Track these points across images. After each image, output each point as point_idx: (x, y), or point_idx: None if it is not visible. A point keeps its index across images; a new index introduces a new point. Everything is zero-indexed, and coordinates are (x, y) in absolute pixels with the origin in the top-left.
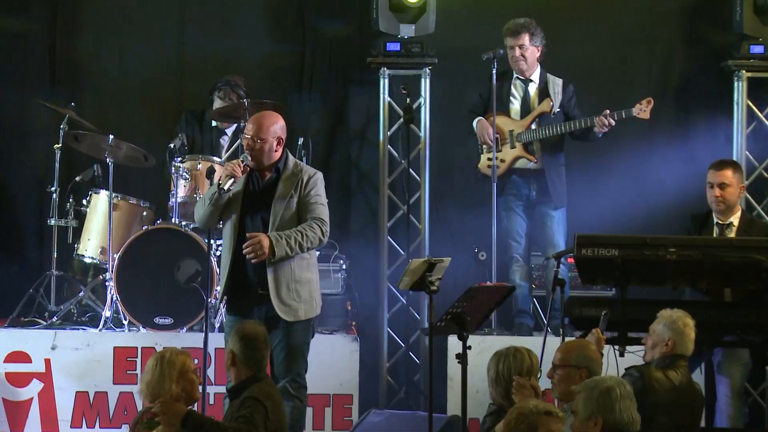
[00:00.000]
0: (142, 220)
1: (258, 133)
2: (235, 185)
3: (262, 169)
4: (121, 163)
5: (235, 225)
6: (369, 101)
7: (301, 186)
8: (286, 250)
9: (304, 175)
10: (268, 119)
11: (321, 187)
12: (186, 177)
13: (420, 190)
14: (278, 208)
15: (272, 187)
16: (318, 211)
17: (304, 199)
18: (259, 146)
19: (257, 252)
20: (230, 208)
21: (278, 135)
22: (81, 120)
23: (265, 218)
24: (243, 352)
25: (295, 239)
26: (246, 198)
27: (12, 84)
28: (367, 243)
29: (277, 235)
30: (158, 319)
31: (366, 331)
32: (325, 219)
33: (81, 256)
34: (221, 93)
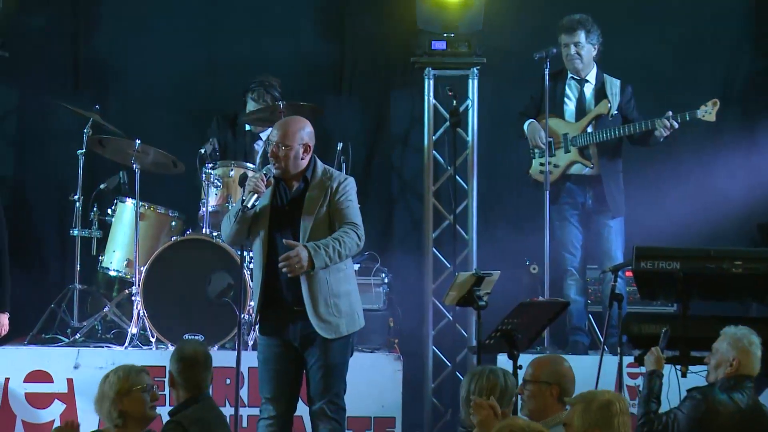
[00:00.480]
0: (171, 230)
1: (283, 140)
2: (262, 199)
3: (288, 179)
4: (148, 169)
5: (263, 241)
6: (412, 104)
7: (331, 193)
8: (325, 260)
9: (333, 182)
10: (294, 125)
11: (352, 192)
12: (217, 185)
13: (467, 199)
14: (307, 219)
15: (300, 197)
16: (350, 215)
17: (335, 206)
18: (284, 153)
19: (295, 266)
20: (258, 223)
21: (305, 142)
22: (106, 124)
23: (294, 231)
24: (180, 374)
25: (333, 248)
26: (273, 211)
27: (32, 86)
28: (410, 255)
29: (314, 245)
30: (188, 337)
31: (409, 350)
32: (358, 223)
33: (105, 269)
34: (255, 95)
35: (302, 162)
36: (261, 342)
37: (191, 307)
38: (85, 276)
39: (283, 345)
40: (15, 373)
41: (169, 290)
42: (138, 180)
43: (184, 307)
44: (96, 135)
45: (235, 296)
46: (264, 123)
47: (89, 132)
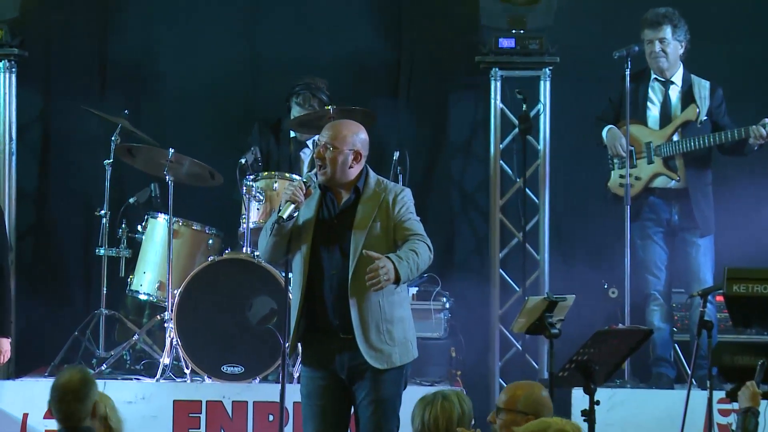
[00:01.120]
0: (208, 249)
1: (332, 140)
2: (306, 210)
3: (336, 189)
4: (182, 181)
5: (305, 258)
6: (476, 108)
7: (387, 208)
8: (408, 272)
9: (388, 194)
10: (348, 127)
11: (411, 204)
12: (260, 198)
13: (538, 214)
14: (359, 234)
15: (350, 210)
16: (415, 228)
17: (396, 221)
18: (331, 156)
19: (383, 278)
20: (300, 238)
21: (356, 148)
22: (136, 131)
23: (343, 249)
24: (52, 405)
25: (413, 260)
26: (319, 225)
27: (56, 90)
28: (474, 277)
29: (396, 255)
30: (226, 368)
31: (474, 383)
32: (425, 235)
33: (135, 293)
34: (300, 99)
35: (351, 171)
36: (303, 374)
37: (230, 335)
38: (113, 300)
39: (328, 377)
40: (34, 409)
41: (205, 316)
42: (171, 193)
43: (222, 336)
44: (125, 143)
45: (279, 323)
46: (311, 129)
47: (117, 140)
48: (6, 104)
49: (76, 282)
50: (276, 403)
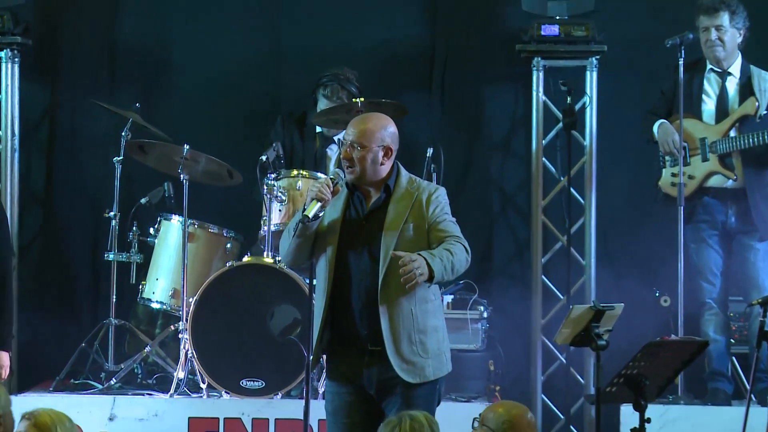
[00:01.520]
0: (226, 254)
1: (359, 139)
2: (331, 210)
3: (365, 188)
4: (198, 180)
5: (330, 261)
6: (516, 101)
7: (420, 208)
8: (442, 271)
9: (422, 193)
10: (374, 122)
11: (446, 203)
12: (282, 198)
13: (584, 216)
14: (390, 236)
15: (381, 210)
16: (451, 229)
17: (430, 223)
18: (359, 156)
19: (416, 273)
20: (324, 240)
21: (386, 143)
22: (148, 125)
23: (373, 252)
24: None
25: (447, 258)
26: (346, 226)
27: (61, 81)
28: (514, 284)
29: (429, 254)
30: (246, 383)
31: (514, 398)
32: (461, 237)
33: (147, 301)
34: (327, 90)
35: (382, 168)
36: (329, 388)
37: (250, 346)
38: (123, 309)
39: (355, 392)
40: None
41: (223, 326)
42: (186, 193)
43: (240, 347)
44: (136, 139)
45: (303, 333)
46: (338, 124)
47: (128, 135)
48: (8, 97)
49: (83, 289)
50: (299, 420)
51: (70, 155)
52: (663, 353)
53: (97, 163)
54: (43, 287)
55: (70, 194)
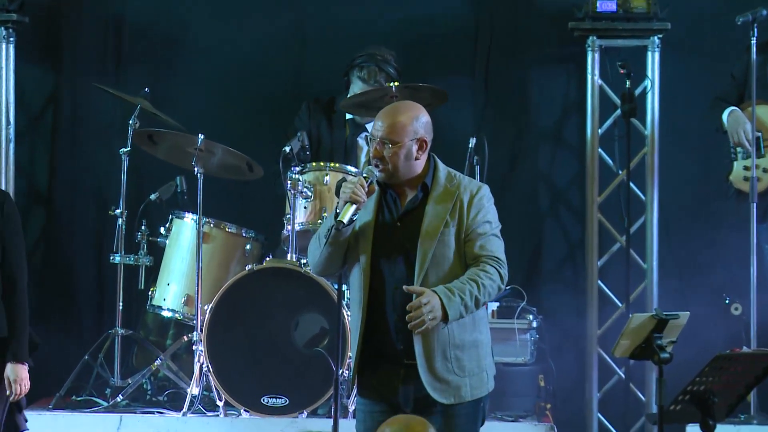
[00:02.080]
0: (245, 256)
1: (389, 134)
2: (362, 212)
3: (399, 186)
4: (214, 174)
5: (365, 270)
6: (569, 85)
7: (461, 210)
8: (461, 310)
9: (463, 192)
10: (404, 113)
11: (491, 208)
12: (308, 195)
13: (645, 214)
14: (428, 242)
15: (417, 212)
16: (491, 246)
17: (468, 232)
18: (391, 153)
19: (427, 317)
20: (357, 246)
21: (419, 136)
22: (158, 112)
23: (409, 258)
24: None
25: (470, 293)
26: (379, 230)
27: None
28: (567, 290)
29: (447, 291)
30: (267, 400)
31: (567, 418)
32: (501, 257)
33: (157, 308)
34: (364, 72)
35: (417, 164)
36: (360, 407)
37: (272, 360)
38: (130, 318)
39: (390, 411)
40: None
41: (242, 337)
42: (201, 188)
43: (262, 361)
44: (145, 128)
45: (331, 345)
46: (370, 110)
47: (136, 124)
48: (3, 80)
49: (86, 296)
50: None
51: (71, 146)
52: (734, 367)
53: (101, 155)
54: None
55: (71, 190)
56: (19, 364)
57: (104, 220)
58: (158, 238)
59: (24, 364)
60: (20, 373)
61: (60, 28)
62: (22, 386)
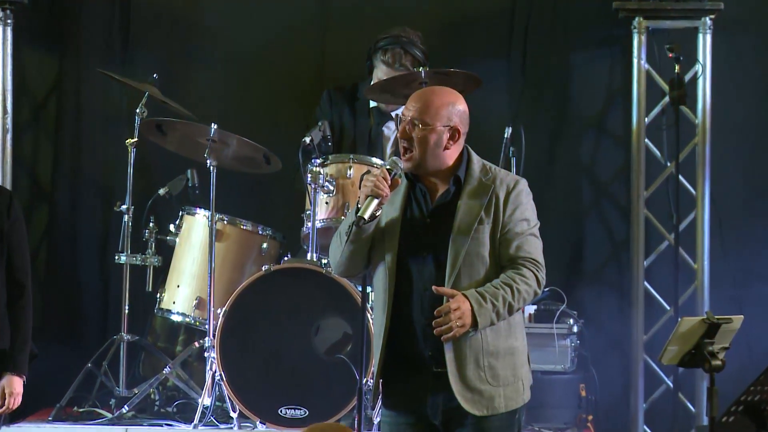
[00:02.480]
0: (261, 255)
1: (422, 115)
2: (389, 208)
3: (428, 179)
4: (229, 167)
5: (390, 270)
6: (613, 71)
7: (497, 206)
8: (492, 317)
9: (499, 187)
10: (440, 96)
11: (529, 204)
12: (329, 189)
13: (695, 210)
14: (460, 241)
15: (449, 207)
16: (528, 246)
17: (504, 231)
18: (420, 135)
19: (456, 324)
20: (382, 244)
21: (453, 123)
22: (167, 101)
23: (439, 258)
24: None
25: (503, 299)
26: (406, 227)
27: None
28: (610, 292)
29: (478, 296)
30: (285, 411)
31: (610, 430)
32: (539, 259)
33: (166, 312)
34: (389, 56)
35: (447, 154)
36: (386, 418)
37: (290, 368)
38: (137, 322)
39: (417, 423)
40: None
41: (258, 343)
42: (214, 182)
43: (279, 369)
44: (153, 117)
45: (354, 352)
46: (396, 97)
47: (143, 113)
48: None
49: (90, 298)
50: None
51: (74, 138)
52: None
53: (107, 147)
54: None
55: (75, 185)
56: (17, 376)
57: (110, 217)
58: (167, 237)
59: (22, 377)
60: (17, 387)
61: (62, 10)
62: (17, 401)
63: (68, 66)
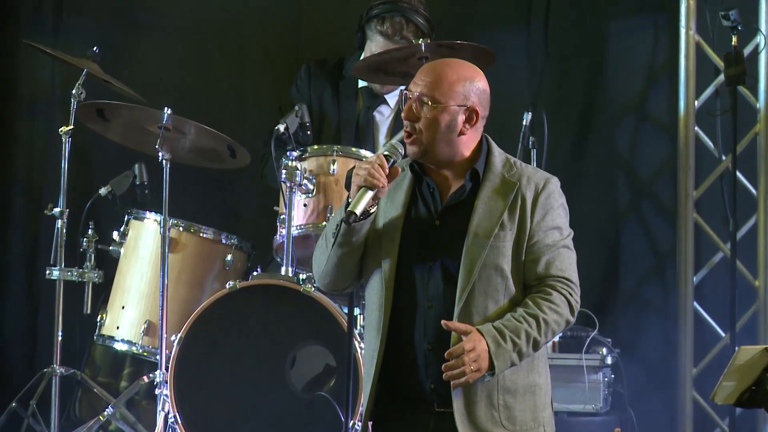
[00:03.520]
0: (226, 270)
1: (432, 91)
2: (388, 205)
3: (438, 173)
4: (186, 161)
5: (387, 282)
6: (656, 43)
7: (524, 208)
8: (512, 358)
9: (526, 186)
10: (456, 70)
11: (562, 209)
12: (308, 187)
13: (756, 214)
14: (476, 249)
15: (463, 207)
16: (560, 262)
17: (533, 237)
18: (430, 116)
19: (470, 368)
20: (378, 249)
21: (470, 103)
22: (111, 80)
23: (449, 269)
24: None
25: (527, 335)
26: (409, 228)
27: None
28: (652, 316)
29: (496, 333)
30: None
31: None
32: (573, 278)
33: (108, 339)
34: (386, 25)
35: (461, 141)
36: None
37: (260, 407)
38: (72, 352)
39: None
40: None
41: (220, 378)
42: (167, 180)
43: (246, 409)
44: (92, 100)
45: (339, 388)
46: (391, 76)
47: (81, 94)
48: None
49: (14, 322)
50: None
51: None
52: None
53: (35, 136)
54: None
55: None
56: None
57: (39, 222)
58: (110, 247)
59: None
60: None
61: None
62: None
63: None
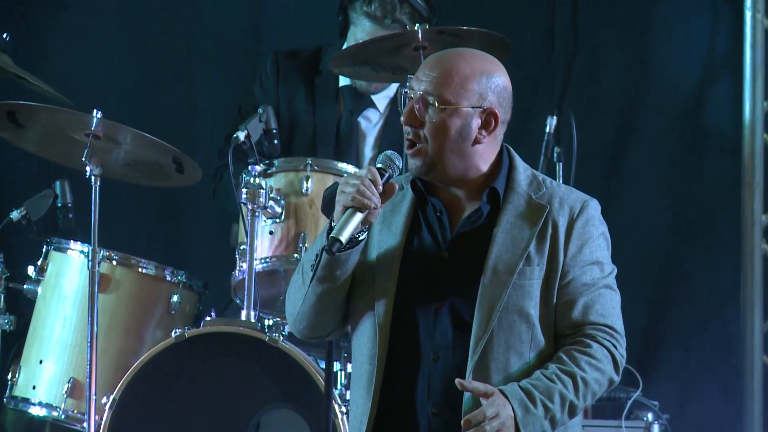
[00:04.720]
0: (171, 314)
1: (439, 88)
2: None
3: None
4: (121, 178)
5: (382, 327)
6: (715, 32)
7: (555, 238)
8: (544, 427)
9: (558, 210)
10: (470, 62)
11: (602, 239)
12: (276, 211)
13: None
14: (495, 290)
15: (480, 237)
16: (601, 306)
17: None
18: (438, 119)
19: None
20: (369, 288)
21: (489, 105)
22: (25, 76)
23: (461, 314)
24: None
25: (562, 398)
26: (411, 263)
27: None
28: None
29: (524, 396)
30: None
31: None
32: (617, 326)
33: (22, 402)
34: (375, 6)
35: (478, 152)
36: None
37: None
38: None
39: None
40: None
41: None
42: (96, 201)
43: None
44: (3, 100)
45: None
46: (380, 70)
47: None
48: None
49: None
50: None
51: None
52: None
53: None
54: None
55: None
56: None
57: None
58: (24, 285)
59: None
60: None
61: None
62: None
63: None
